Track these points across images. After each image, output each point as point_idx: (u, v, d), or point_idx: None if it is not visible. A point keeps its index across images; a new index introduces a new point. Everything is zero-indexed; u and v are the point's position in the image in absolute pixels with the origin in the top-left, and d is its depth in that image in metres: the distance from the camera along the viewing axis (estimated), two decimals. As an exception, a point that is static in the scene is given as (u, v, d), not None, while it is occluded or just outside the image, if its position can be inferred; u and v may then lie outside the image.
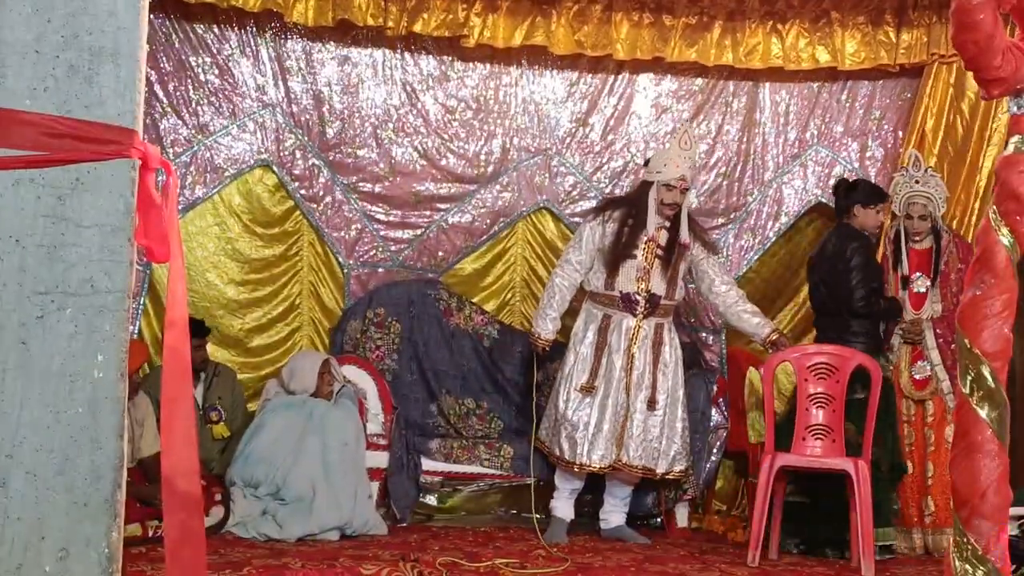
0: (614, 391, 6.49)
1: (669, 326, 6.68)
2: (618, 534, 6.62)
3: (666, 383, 6.57)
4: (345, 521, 6.07)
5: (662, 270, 6.57)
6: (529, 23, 7.31)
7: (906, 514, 6.65)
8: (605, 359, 6.53)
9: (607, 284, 6.58)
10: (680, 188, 6.53)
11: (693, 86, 7.83)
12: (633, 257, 6.55)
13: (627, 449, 6.46)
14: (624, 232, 6.58)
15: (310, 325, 7.46)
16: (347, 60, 7.52)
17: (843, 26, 7.47)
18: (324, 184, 7.47)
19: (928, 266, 6.78)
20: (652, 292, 6.56)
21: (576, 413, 6.49)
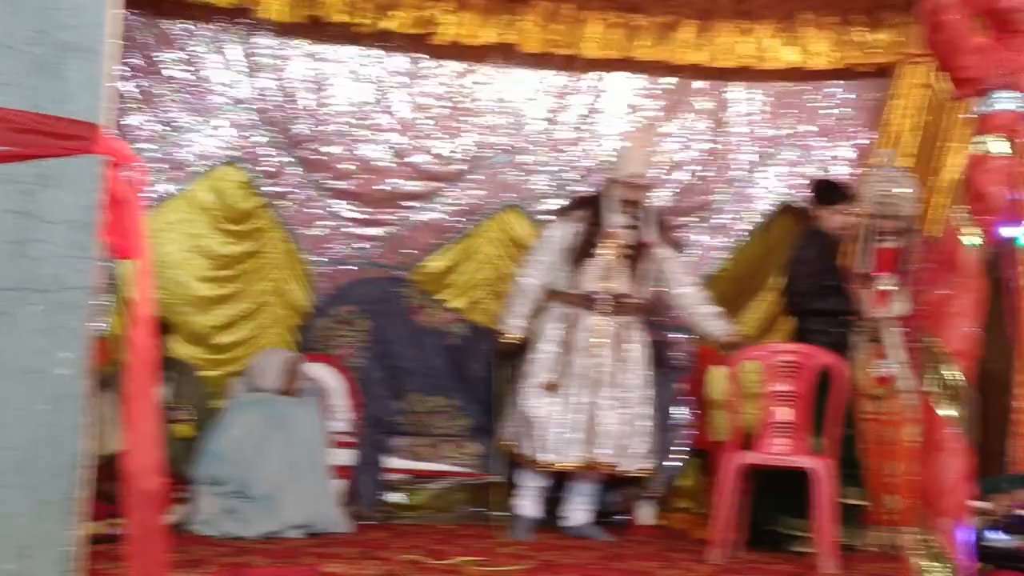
0: (578, 389, 6.50)
1: (636, 324, 6.70)
2: (582, 532, 6.63)
3: (634, 381, 6.59)
4: (310, 519, 6.06)
5: (627, 269, 6.60)
6: (500, 21, 7.32)
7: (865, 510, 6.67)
8: (569, 357, 6.54)
9: (571, 283, 6.61)
10: (637, 184, 6.56)
11: (663, 85, 7.84)
12: (597, 256, 6.57)
13: (596, 448, 6.48)
14: (587, 231, 6.61)
15: (277, 322, 7.43)
16: (317, 57, 7.50)
17: (813, 26, 7.50)
18: (293, 181, 7.46)
19: (896, 265, 6.81)
20: (617, 291, 6.58)
21: (540, 411, 6.50)
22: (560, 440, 6.46)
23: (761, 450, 6.24)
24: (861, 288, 6.77)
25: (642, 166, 6.57)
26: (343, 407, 6.75)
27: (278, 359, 6.54)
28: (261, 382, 6.43)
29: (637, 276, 6.64)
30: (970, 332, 3.23)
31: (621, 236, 6.59)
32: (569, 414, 6.48)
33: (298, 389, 6.46)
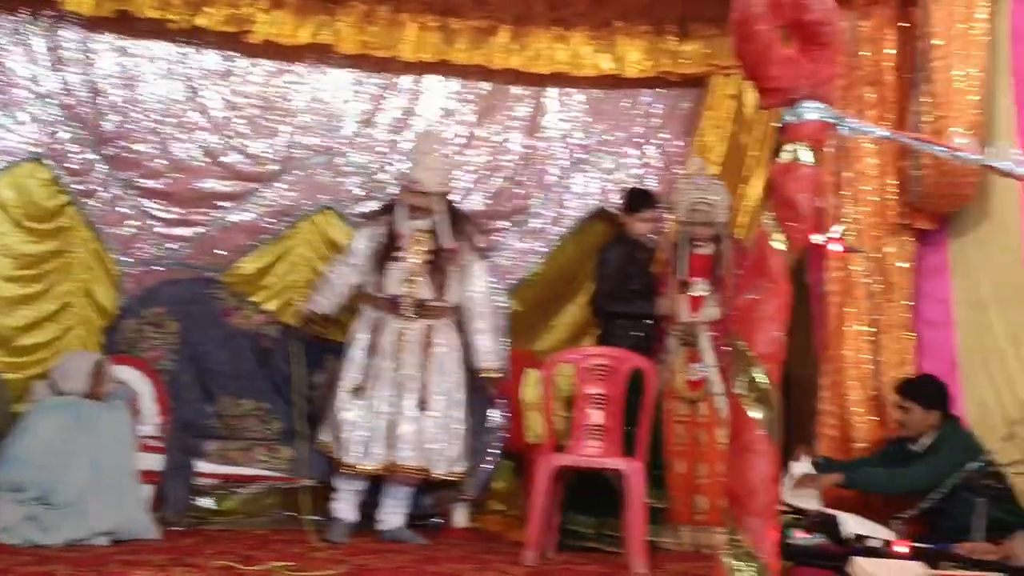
0: (381, 393, 6.54)
1: (444, 328, 6.74)
2: (396, 536, 6.62)
3: (441, 385, 6.62)
4: (116, 525, 5.91)
5: (429, 273, 6.68)
6: (315, 21, 7.24)
7: (675, 510, 6.80)
8: (375, 361, 6.59)
9: (376, 286, 6.69)
10: (418, 191, 6.65)
11: (479, 89, 7.87)
12: (400, 260, 6.66)
13: (398, 451, 6.51)
14: (388, 235, 6.71)
15: (83, 324, 7.21)
16: (126, 52, 7.31)
17: (626, 34, 7.61)
18: (101, 179, 7.25)
19: (709, 271, 6.95)
20: (419, 295, 6.65)
21: (347, 415, 6.55)
22: (363, 443, 6.50)
23: (574, 452, 6.31)
24: (677, 294, 6.92)
25: (424, 172, 6.66)
26: (151, 411, 6.59)
27: (84, 362, 6.35)
28: (66, 385, 6.23)
29: (440, 280, 6.70)
30: (776, 336, 3.31)
31: (419, 241, 6.66)
32: (372, 418, 6.51)
33: (104, 392, 6.28)
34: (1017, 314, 6.03)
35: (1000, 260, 6.19)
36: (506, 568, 5.87)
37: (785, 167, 3.33)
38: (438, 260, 6.70)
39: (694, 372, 6.82)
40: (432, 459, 6.56)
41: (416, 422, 6.53)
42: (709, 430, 6.75)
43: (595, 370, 6.43)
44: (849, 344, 6.64)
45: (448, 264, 6.72)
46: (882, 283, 6.68)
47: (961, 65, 6.11)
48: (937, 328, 6.61)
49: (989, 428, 6.14)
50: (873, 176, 6.68)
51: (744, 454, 3.28)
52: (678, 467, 6.81)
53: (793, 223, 3.31)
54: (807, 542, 5.19)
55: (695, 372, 6.82)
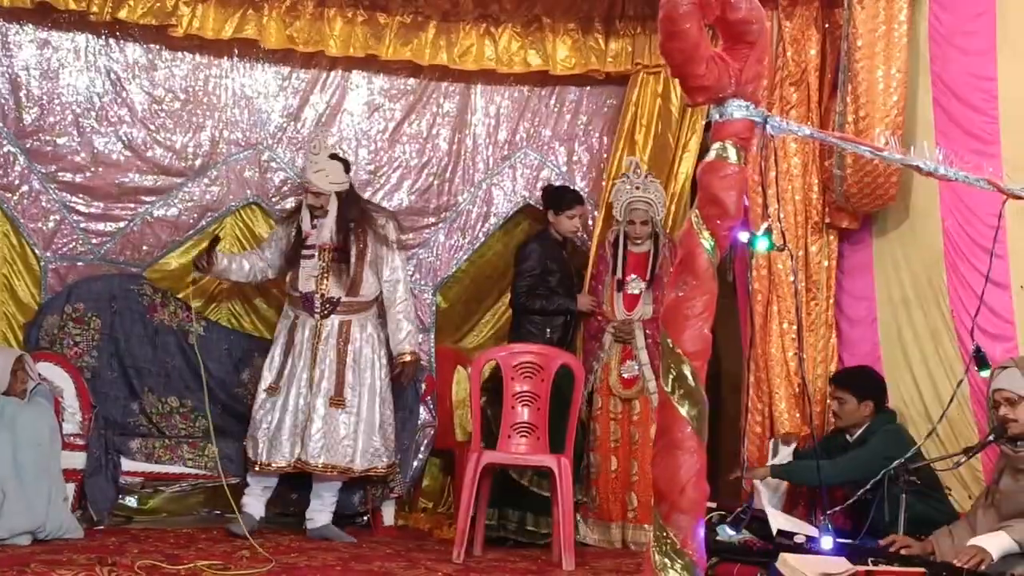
0: (295, 391, 6.60)
1: (361, 323, 6.78)
2: (324, 533, 6.61)
3: (357, 380, 6.62)
4: (37, 525, 5.83)
5: (338, 270, 6.74)
6: (240, 15, 7.19)
7: (607, 508, 6.85)
8: (290, 360, 6.66)
9: (291, 284, 6.82)
10: (309, 191, 6.79)
11: (406, 85, 7.84)
12: (310, 258, 6.77)
13: (307, 448, 6.52)
14: (296, 234, 6.85)
15: (3, 320, 7.09)
16: (47, 44, 7.20)
17: (554, 32, 7.64)
18: (20, 173, 7.13)
19: (645, 269, 7.02)
20: (329, 293, 6.71)
21: (261, 414, 6.63)
22: (275, 442, 6.55)
23: (503, 449, 6.33)
24: (613, 292, 6.98)
25: (311, 172, 6.80)
26: (74, 408, 6.50)
27: (3, 358, 6.23)
28: (-16, 382, 6.13)
29: (349, 277, 6.74)
30: (704, 333, 3.32)
31: (323, 239, 6.75)
32: (285, 415, 6.56)
33: (25, 389, 6.18)
34: (937, 312, 6.12)
35: (921, 258, 6.27)
36: (435, 566, 5.87)
37: (711, 165, 3.34)
38: (344, 257, 6.77)
39: (629, 369, 6.88)
40: (348, 456, 6.57)
41: (326, 420, 6.58)
42: (643, 428, 6.79)
43: (523, 367, 6.45)
44: (774, 341, 6.71)
45: (359, 259, 6.77)
46: (805, 281, 6.76)
47: (883, 66, 6.19)
48: (861, 325, 6.70)
49: (911, 424, 6.23)
50: (797, 175, 6.76)
51: (672, 451, 3.28)
52: (611, 464, 6.87)
53: (719, 221, 3.32)
54: (734, 538, 5.23)
55: (630, 369, 6.87)
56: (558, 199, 7.33)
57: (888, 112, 6.19)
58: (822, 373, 6.72)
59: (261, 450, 6.57)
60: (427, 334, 7.71)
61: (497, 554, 6.41)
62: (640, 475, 6.76)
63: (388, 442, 6.73)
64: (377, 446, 6.66)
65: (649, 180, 7.15)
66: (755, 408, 6.72)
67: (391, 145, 7.81)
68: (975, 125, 5.92)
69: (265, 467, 6.57)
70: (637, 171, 7.15)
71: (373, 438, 6.64)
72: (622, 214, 7.10)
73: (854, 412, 6.01)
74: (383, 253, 6.89)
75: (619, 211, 7.12)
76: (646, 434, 6.76)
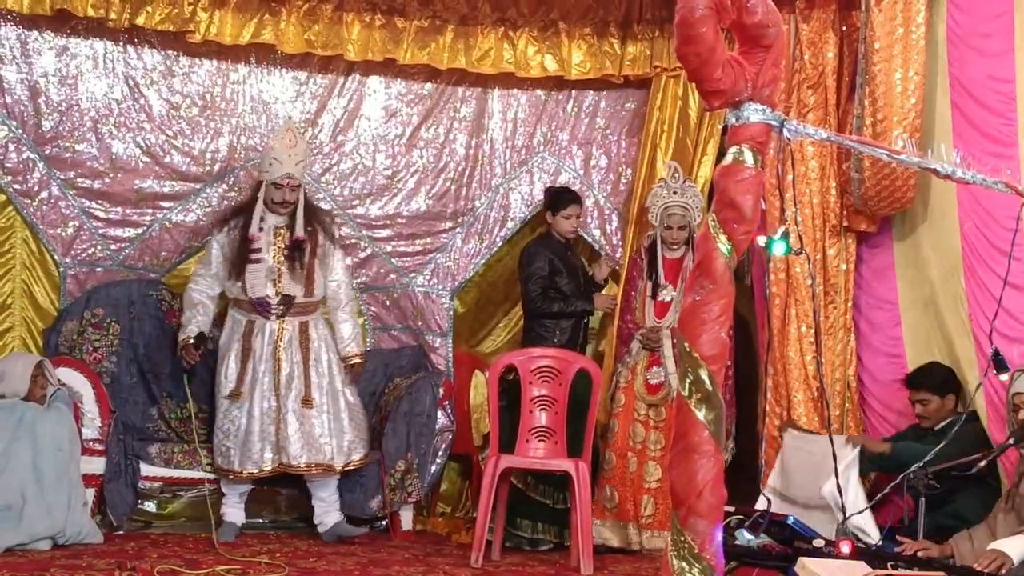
0: (258, 395, 6.57)
1: (314, 322, 6.80)
2: (337, 532, 6.64)
3: (320, 379, 6.64)
4: (57, 530, 5.85)
5: (292, 270, 6.70)
6: (257, 20, 7.21)
7: (624, 507, 6.80)
8: (250, 364, 6.61)
9: (241, 290, 6.70)
10: (288, 186, 6.69)
11: (423, 90, 7.85)
12: (260, 261, 6.67)
13: (286, 451, 6.55)
14: (242, 236, 6.71)
15: (22, 325, 7.14)
16: (66, 51, 7.23)
17: (570, 36, 7.64)
18: (39, 179, 7.16)
19: (677, 276, 6.96)
20: (285, 292, 6.68)
21: (227, 422, 6.60)
22: (247, 448, 6.54)
23: (521, 454, 6.33)
24: (646, 298, 6.94)
25: (288, 166, 6.68)
26: (93, 414, 6.51)
27: (23, 364, 6.26)
28: (5, 388, 6.15)
29: (304, 275, 6.72)
30: (721, 337, 3.32)
31: (278, 236, 6.70)
32: (253, 421, 6.55)
33: (44, 395, 6.20)
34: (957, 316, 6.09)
35: (940, 261, 6.25)
36: (453, 570, 5.87)
37: (728, 169, 3.34)
38: (297, 255, 6.71)
39: (655, 375, 6.81)
40: (328, 454, 6.61)
41: (301, 420, 6.59)
42: (668, 433, 6.67)
43: (541, 371, 6.44)
44: (792, 345, 6.69)
45: (312, 257, 6.75)
46: (823, 285, 6.74)
47: (900, 68, 6.18)
48: (884, 329, 6.67)
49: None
50: (814, 178, 6.75)
51: (689, 455, 3.28)
52: (629, 464, 6.79)
53: (736, 225, 3.32)
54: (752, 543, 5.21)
55: (656, 375, 6.81)
56: (555, 200, 7.32)
57: (906, 115, 6.18)
58: (840, 376, 6.71)
59: (234, 459, 6.55)
60: (444, 339, 7.71)
61: (515, 558, 6.40)
62: (656, 481, 6.68)
63: (360, 432, 6.78)
64: (351, 439, 6.71)
65: (687, 185, 7.05)
66: (773, 412, 6.71)
67: (408, 150, 7.82)
68: (993, 127, 5.90)
69: (238, 475, 6.56)
70: (676, 176, 7.04)
71: (345, 434, 6.67)
72: (659, 219, 7.02)
73: (940, 409, 5.96)
74: (330, 251, 6.88)
75: (655, 216, 7.03)
76: (669, 441, 6.64)
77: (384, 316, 7.76)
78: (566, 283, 7.10)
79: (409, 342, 7.72)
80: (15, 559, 5.48)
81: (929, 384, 6.00)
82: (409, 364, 7.52)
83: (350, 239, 7.70)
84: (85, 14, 6.90)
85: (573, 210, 7.24)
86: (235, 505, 6.72)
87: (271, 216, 6.74)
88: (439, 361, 7.64)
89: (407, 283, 7.79)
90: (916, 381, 6.09)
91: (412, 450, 6.88)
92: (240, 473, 6.55)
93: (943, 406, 5.95)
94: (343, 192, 7.71)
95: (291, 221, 6.74)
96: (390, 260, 7.77)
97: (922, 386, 6.02)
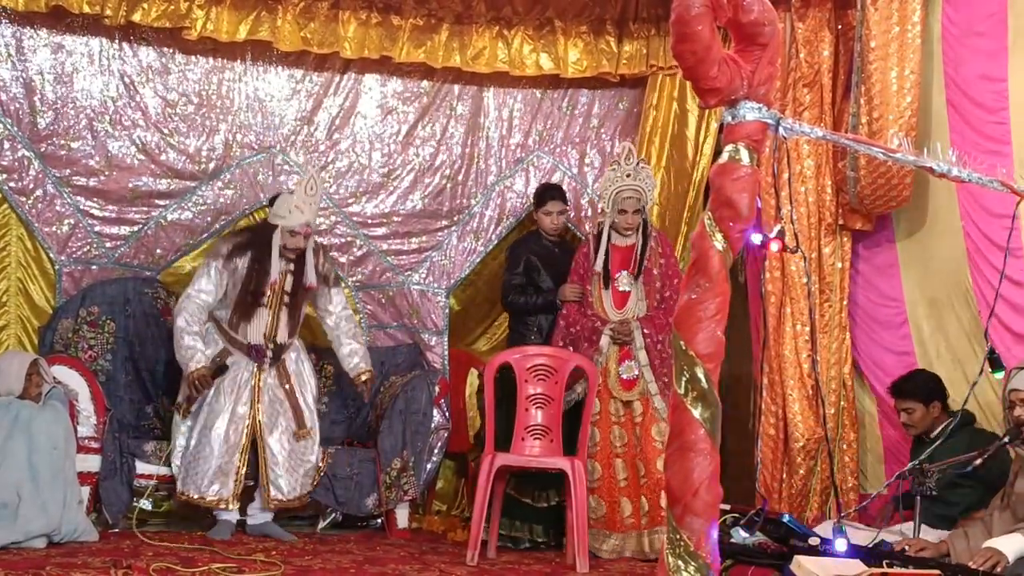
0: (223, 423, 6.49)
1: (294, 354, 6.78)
2: (264, 531, 6.62)
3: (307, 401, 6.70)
4: (53, 528, 5.83)
5: (288, 315, 6.70)
6: (254, 17, 7.20)
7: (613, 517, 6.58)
8: (218, 393, 6.53)
9: (234, 327, 6.64)
10: (304, 234, 6.61)
11: (419, 88, 7.86)
12: (262, 305, 6.63)
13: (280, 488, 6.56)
14: (252, 280, 6.61)
15: (18, 323, 7.14)
16: (61, 48, 7.22)
17: (565, 34, 7.64)
18: (35, 177, 7.15)
19: (631, 263, 6.77)
20: (277, 340, 6.67)
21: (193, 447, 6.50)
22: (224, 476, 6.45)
23: (516, 452, 6.32)
24: (602, 289, 6.82)
25: (308, 215, 6.61)
26: (88, 411, 6.51)
27: (19, 361, 6.25)
28: (0, 386, 6.13)
29: (295, 320, 6.74)
30: (717, 335, 3.32)
31: (283, 282, 6.68)
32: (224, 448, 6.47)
33: (39, 392, 6.19)
34: (967, 312, 6.10)
35: (946, 258, 6.25)
36: (448, 568, 5.87)
37: (724, 167, 3.34)
38: (295, 299, 6.70)
39: (628, 370, 6.68)
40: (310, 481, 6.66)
41: (291, 455, 6.59)
42: (646, 429, 6.59)
43: (537, 369, 6.44)
44: (788, 343, 6.70)
45: (304, 302, 6.78)
46: (819, 283, 6.75)
47: (896, 67, 6.19)
48: (891, 327, 6.67)
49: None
50: (810, 177, 6.75)
51: (685, 453, 3.28)
52: (618, 472, 6.63)
53: (732, 223, 3.32)
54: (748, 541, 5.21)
55: (629, 370, 6.68)
56: (537, 197, 7.33)
57: (902, 113, 6.18)
58: (836, 375, 6.72)
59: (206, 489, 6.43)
60: (440, 337, 7.71)
61: (511, 556, 6.40)
62: (647, 477, 6.59)
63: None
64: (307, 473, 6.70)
65: (640, 167, 6.80)
66: (768, 410, 6.71)
67: (404, 148, 7.82)
68: (987, 126, 5.91)
69: (214, 503, 6.46)
70: (630, 158, 6.79)
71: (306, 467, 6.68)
72: (611, 204, 6.76)
73: (925, 417, 5.94)
74: (325, 292, 6.88)
75: (608, 201, 6.78)
76: (648, 436, 6.56)
77: (380, 314, 7.76)
78: (545, 280, 7.10)
79: (405, 340, 7.72)
80: (10, 557, 5.47)
81: (912, 392, 5.99)
82: (405, 362, 7.53)
83: (346, 237, 7.71)
84: (80, 11, 6.90)
85: (553, 206, 7.20)
86: None
87: (283, 260, 6.65)
88: (435, 359, 7.64)
89: (403, 281, 7.79)
90: (899, 391, 6.08)
91: (408, 448, 6.88)
92: (218, 503, 6.46)
93: (928, 414, 5.94)
94: (339, 190, 7.72)
95: (297, 266, 6.67)
96: (386, 258, 7.78)
97: (906, 394, 6.02)
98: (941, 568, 4.65)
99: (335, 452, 6.84)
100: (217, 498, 6.45)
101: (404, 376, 7.25)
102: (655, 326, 6.62)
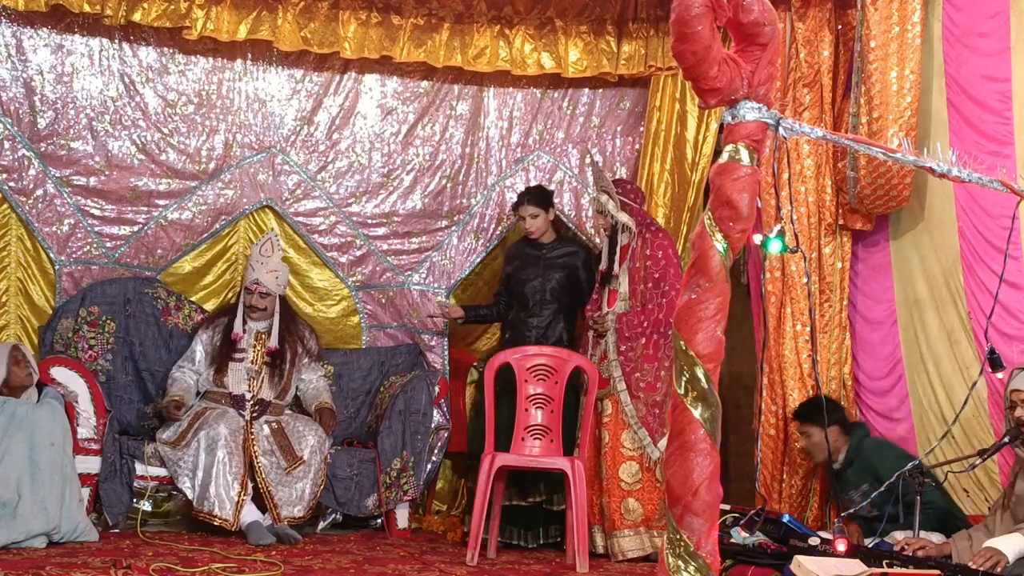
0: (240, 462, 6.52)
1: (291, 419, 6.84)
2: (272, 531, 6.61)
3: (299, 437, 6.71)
4: (52, 527, 5.82)
5: (270, 375, 6.89)
6: (254, 17, 7.19)
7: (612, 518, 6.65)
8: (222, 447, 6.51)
9: (216, 381, 6.86)
10: (257, 292, 6.92)
11: (419, 88, 7.85)
12: (242, 360, 6.86)
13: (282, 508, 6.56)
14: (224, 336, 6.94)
15: (18, 323, 7.13)
16: (61, 48, 7.22)
17: (566, 34, 7.64)
18: (35, 177, 7.15)
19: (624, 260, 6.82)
20: (261, 394, 6.82)
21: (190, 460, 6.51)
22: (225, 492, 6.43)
23: (516, 452, 6.32)
24: (602, 286, 6.86)
25: (259, 273, 6.95)
26: (88, 412, 6.50)
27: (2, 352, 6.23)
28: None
29: (283, 382, 6.91)
30: (717, 335, 3.32)
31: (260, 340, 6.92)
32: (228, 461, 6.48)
33: (28, 375, 6.16)
34: (955, 313, 6.10)
35: (938, 259, 6.26)
36: (448, 568, 5.87)
37: (724, 167, 3.34)
38: (277, 362, 6.90)
39: (605, 369, 6.65)
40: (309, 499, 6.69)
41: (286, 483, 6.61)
42: (612, 430, 6.56)
43: (536, 370, 6.43)
44: (788, 343, 6.70)
45: (291, 365, 6.95)
46: (819, 283, 6.74)
47: (896, 67, 6.19)
48: (881, 327, 6.68)
49: (929, 427, 6.22)
50: (810, 177, 6.75)
51: (685, 453, 3.28)
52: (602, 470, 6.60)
53: (732, 223, 3.32)
54: (748, 541, 5.22)
55: (606, 369, 6.65)
56: (519, 199, 7.35)
57: (902, 113, 6.18)
58: (836, 375, 6.71)
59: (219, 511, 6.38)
60: (440, 337, 7.71)
61: (511, 556, 6.40)
62: (608, 479, 6.52)
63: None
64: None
65: (600, 173, 7.05)
66: (769, 410, 6.71)
67: (404, 148, 7.82)
68: (989, 126, 5.91)
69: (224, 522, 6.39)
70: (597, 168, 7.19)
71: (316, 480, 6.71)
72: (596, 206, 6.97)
73: (823, 442, 5.97)
74: (306, 362, 7.09)
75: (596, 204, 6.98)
76: (616, 440, 6.53)
77: (380, 314, 7.75)
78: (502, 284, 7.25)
79: (405, 340, 7.71)
80: (10, 557, 5.46)
81: (809, 418, 6.04)
82: (405, 362, 7.53)
83: (346, 237, 7.70)
84: (81, 11, 6.89)
85: (524, 211, 7.21)
86: (248, 506, 6.56)
87: (252, 321, 6.96)
88: (435, 359, 7.64)
89: (403, 281, 7.79)
90: (798, 417, 6.15)
91: (408, 448, 6.88)
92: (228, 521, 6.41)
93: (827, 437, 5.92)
94: (339, 190, 7.71)
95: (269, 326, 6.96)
96: (386, 258, 7.77)
97: (804, 421, 6.07)
98: (941, 568, 4.66)
99: (335, 452, 6.83)
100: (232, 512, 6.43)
101: (404, 376, 7.25)
102: (629, 326, 6.60)
